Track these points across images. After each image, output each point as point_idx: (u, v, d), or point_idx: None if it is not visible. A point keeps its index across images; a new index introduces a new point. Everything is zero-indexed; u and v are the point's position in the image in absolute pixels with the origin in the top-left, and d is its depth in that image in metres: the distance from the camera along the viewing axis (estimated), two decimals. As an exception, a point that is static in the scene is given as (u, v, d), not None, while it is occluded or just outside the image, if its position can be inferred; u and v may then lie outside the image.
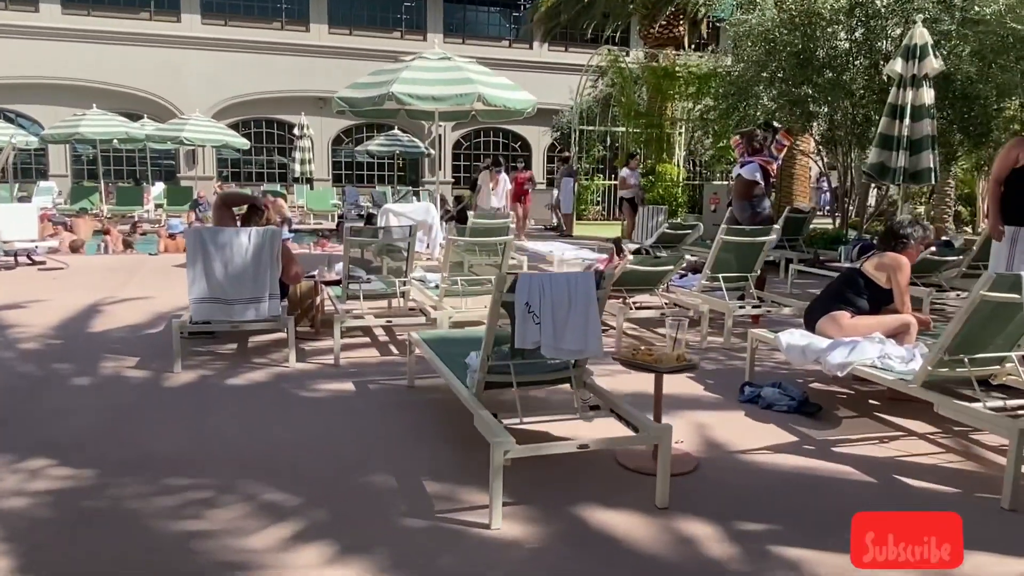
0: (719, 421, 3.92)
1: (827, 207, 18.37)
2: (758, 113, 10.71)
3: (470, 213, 8.57)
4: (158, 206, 18.79)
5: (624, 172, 12.32)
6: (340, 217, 20.31)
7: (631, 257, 5.41)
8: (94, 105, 17.68)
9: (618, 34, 23.10)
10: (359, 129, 26.24)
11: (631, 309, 5.53)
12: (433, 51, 8.83)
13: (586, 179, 17.10)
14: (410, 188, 26.00)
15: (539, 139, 28.23)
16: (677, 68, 14.49)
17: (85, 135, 16.26)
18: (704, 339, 5.58)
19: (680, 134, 16.60)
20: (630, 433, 3.07)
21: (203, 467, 3.23)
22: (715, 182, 14.34)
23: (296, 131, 20.93)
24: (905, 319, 4.31)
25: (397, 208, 8.20)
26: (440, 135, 27.42)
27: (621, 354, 3.31)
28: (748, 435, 3.73)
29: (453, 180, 26.88)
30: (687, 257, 5.63)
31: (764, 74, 10.16)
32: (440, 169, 27.53)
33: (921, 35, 7.33)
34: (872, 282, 4.43)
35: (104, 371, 4.72)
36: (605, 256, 7.50)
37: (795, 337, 4.26)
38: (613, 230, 16.14)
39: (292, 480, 3.11)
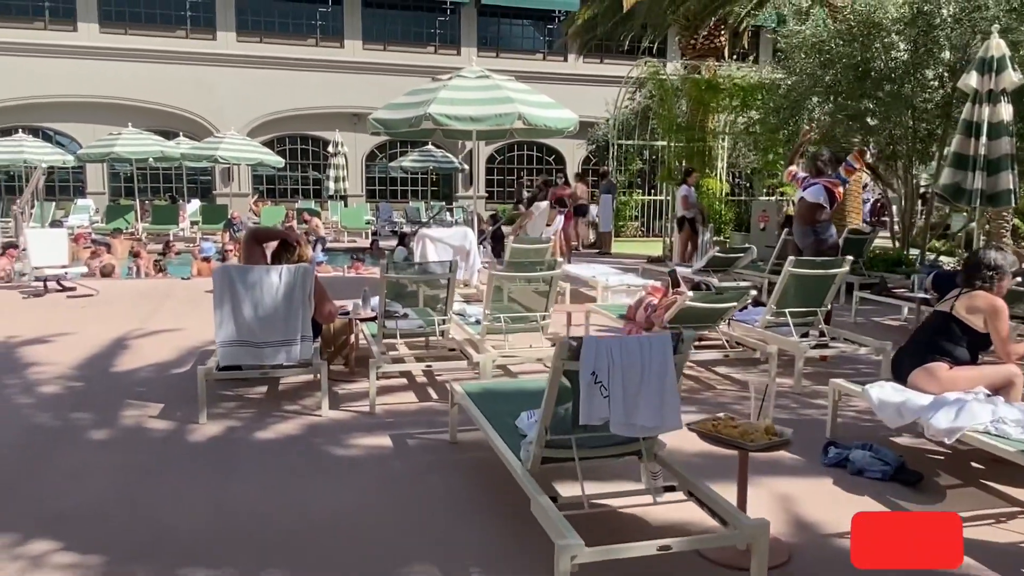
0: (805, 492, 3.44)
1: (865, 220, 17.66)
2: (811, 128, 10.20)
3: (509, 237, 8.17)
4: (194, 223, 18.76)
5: (683, 190, 11.66)
6: (374, 234, 20.15)
7: (691, 293, 4.95)
8: (129, 124, 17.72)
9: (655, 45, 22.68)
10: (393, 145, 26.08)
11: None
12: (471, 69, 8.48)
13: (624, 195, 16.63)
14: (443, 204, 25.79)
15: (574, 152, 27.83)
16: (720, 80, 13.99)
17: (120, 154, 16.26)
18: (772, 383, 5.08)
19: (722, 147, 16.07)
20: (715, 525, 2.62)
21: (223, 551, 2.86)
22: (762, 198, 13.77)
23: (330, 148, 20.83)
24: (1012, 372, 3.80)
25: (433, 233, 7.84)
26: (474, 150, 27.27)
27: (701, 426, 2.87)
28: (841, 511, 3.24)
29: (487, 195, 26.58)
30: (751, 292, 5.15)
31: (818, 87, 9.63)
32: (473, 184, 27.40)
33: (998, 47, 6.78)
34: (968, 327, 3.92)
35: (125, 421, 4.40)
36: (655, 285, 7.05)
37: (887, 392, 3.77)
38: (653, 247, 15.64)
39: (321, 570, 2.72)
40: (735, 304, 5.11)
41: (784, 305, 5.42)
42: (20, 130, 19.61)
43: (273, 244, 4.96)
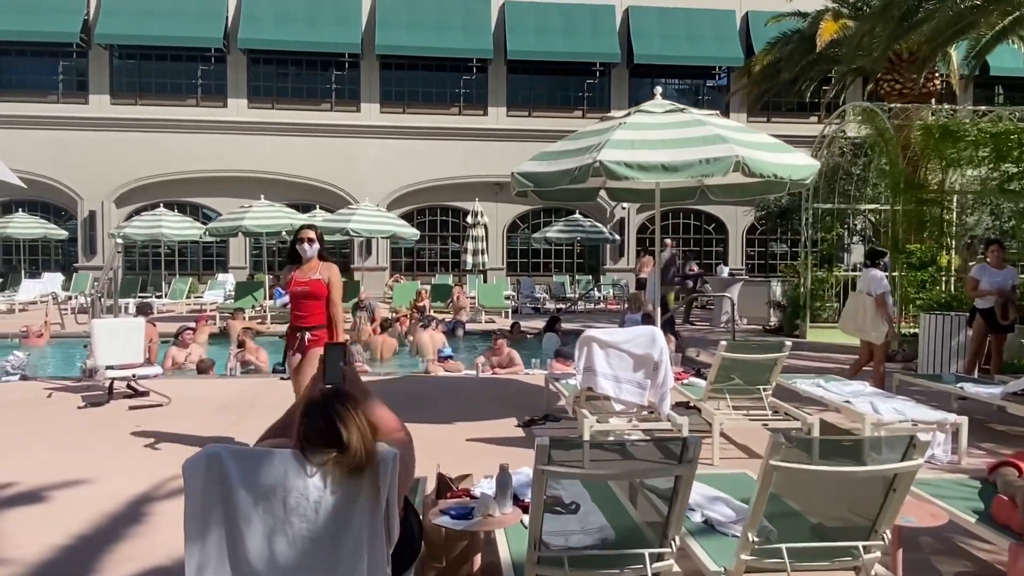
0: None
1: None
2: None
3: (722, 343, 5.45)
4: (327, 299, 17.37)
5: (978, 270, 8.19)
6: (514, 311, 17.97)
7: None
8: (262, 196, 16.74)
9: (843, 98, 19.55)
10: (536, 214, 24.27)
11: None
12: (657, 101, 6.05)
13: (822, 271, 13.47)
14: (590, 279, 23.37)
15: (737, 220, 24.75)
16: (964, 126, 10.78)
17: (248, 228, 15.14)
18: None
19: (950, 210, 12.67)
20: None
21: None
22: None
23: (469, 219, 19.11)
24: None
25: (604, 336, 5.29)
26: (624, 218, 24.88)
27: None
28: None
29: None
30: None
31: None
32: (623, 256, 24.86)
33: None
34: None
35: None
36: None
37: None
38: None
39: None
40: None
41: None
42: (162, 205, 19.35)
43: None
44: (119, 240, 9.29)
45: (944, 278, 11.94)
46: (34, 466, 4.90)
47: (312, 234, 5.14)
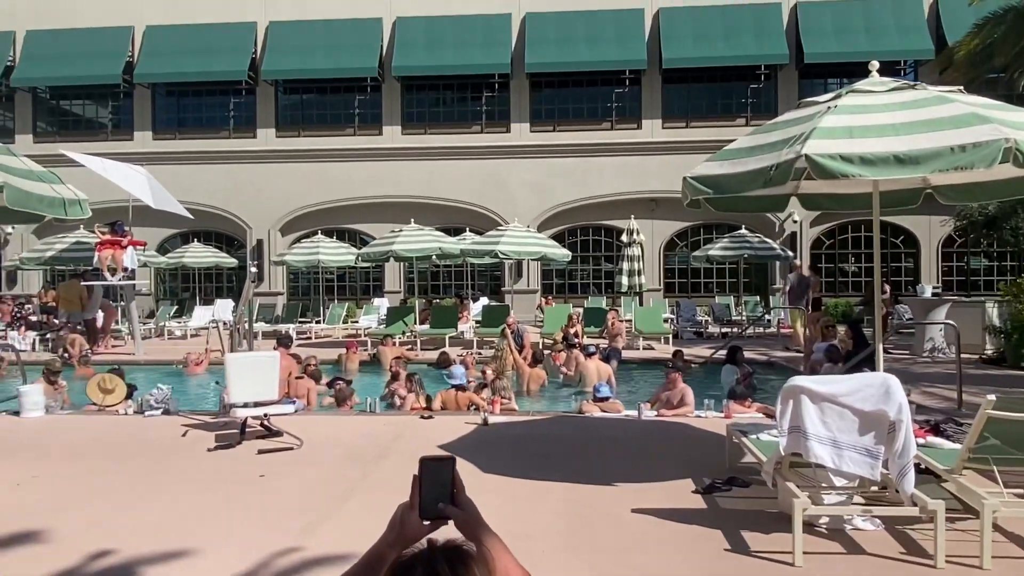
0: None
1: None
2: None
3: (989, 397, 3.96)
4: (478, 323, 16.85)
5: None
6: (674, 336, 16.55)
7: None
8: (412, 220, 16.52)
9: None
10: (695, 231, 22.65)
11: None
12: (877, 78, 4.69)
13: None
14: (757, 300, 21.36)
15: (930, 231, 21.77)
16: None
17: (399, 252, 14.88)
18: None
19: None
20: None
21: None
22: None
23: (624, 237, 17.92)
24: None
25: (818, 387, 3.98)
26: (796, 232, 22.64)
27: None
28: None
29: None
30: None
31: None
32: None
33: None
34: None
35: None
36: None
37: None
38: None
39: None
40: None
41: None
42: (320, 232, 19.77)
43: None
44: (253, 270, 9.02)
45: None
46: (139, 530, 4.36)
47: None
